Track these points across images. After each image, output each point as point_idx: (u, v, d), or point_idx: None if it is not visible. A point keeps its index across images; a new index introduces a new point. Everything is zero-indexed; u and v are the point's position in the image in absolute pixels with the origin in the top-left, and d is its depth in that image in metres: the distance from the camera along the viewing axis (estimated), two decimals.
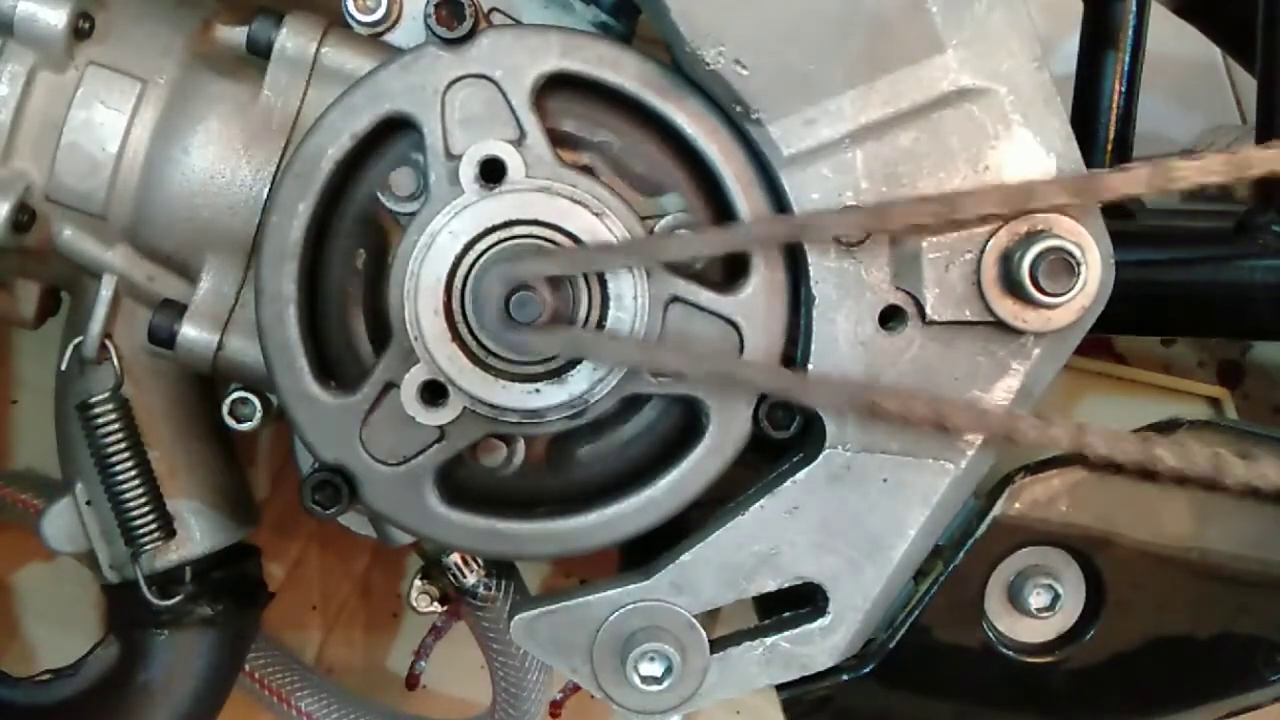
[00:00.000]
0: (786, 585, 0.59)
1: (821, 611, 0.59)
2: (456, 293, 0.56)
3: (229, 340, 0.64)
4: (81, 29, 0.63)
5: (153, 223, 0.64)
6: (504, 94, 0.56)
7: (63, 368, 0.68)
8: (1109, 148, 0.77)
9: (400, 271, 0.56)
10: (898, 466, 0.58)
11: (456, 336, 0.56)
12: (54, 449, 0.72)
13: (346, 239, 0.60)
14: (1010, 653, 0.63)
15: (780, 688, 0.62)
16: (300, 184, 0.57)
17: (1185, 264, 0.75)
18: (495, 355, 0.57)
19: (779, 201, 0.57)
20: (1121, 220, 0.70)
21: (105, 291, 0.65)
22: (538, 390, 0.57)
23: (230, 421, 0.67)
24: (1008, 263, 0.55)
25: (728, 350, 0.58)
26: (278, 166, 0.62)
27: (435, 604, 0.76)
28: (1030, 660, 0.63)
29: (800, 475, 0.58)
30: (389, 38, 0.63)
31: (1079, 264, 0.54)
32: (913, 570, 0.60)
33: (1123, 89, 0.77)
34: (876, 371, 0.57)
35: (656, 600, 0.58)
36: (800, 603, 0.60)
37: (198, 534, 0.70)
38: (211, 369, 0.65)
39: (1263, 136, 0.74)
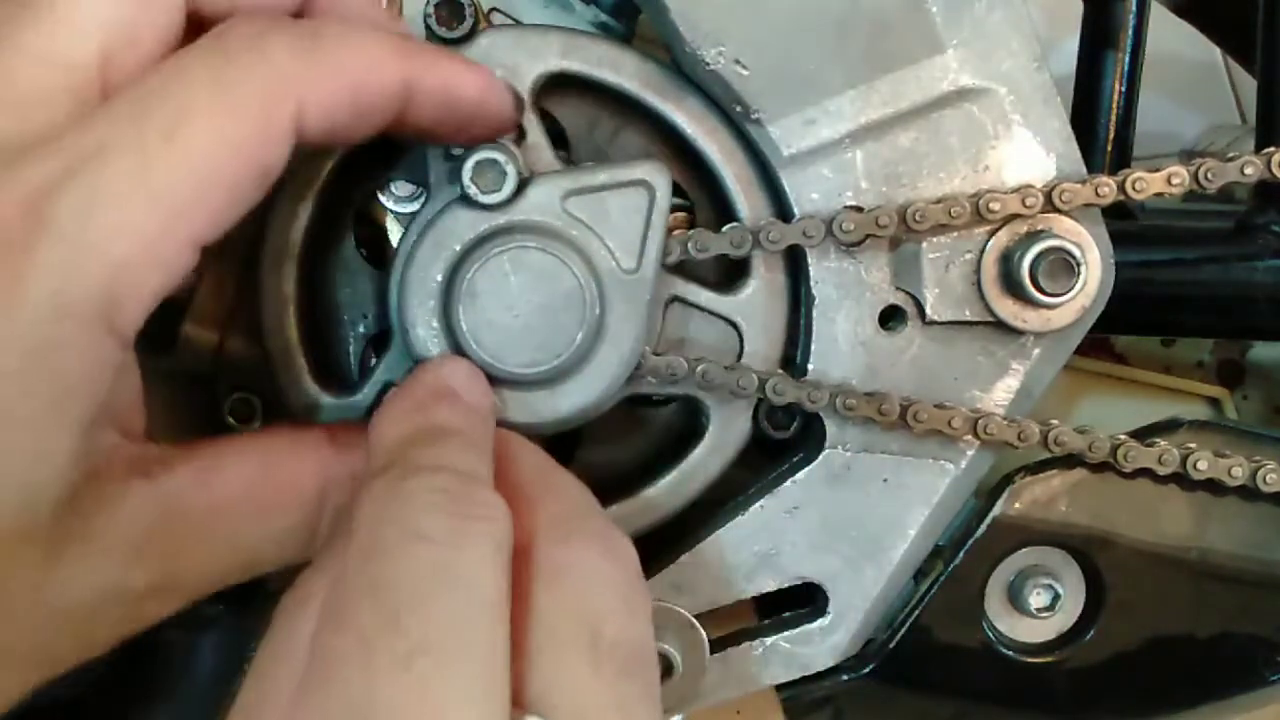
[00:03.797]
0: (787, 585, 0.59)
1: (822, 611, 0.59)
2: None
3: (229, 340, 0.64)
4: None
5: None
6: None
7: None
8: (1109, 148, 0.77)
9: (399, 271, 0.56)
10: (898, 466, 0.58)
11: None
12: None
13: (347, 240, 0.60)
14: (1010, 652, 0.63)
15: (780, 687, 0.62)
16: (300, 184, 0.57)
17: (1185, 264, 0.75)
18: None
19: (779, 201, 0.57)
20: (1121, 221, 0.70)
21: None
22: None
23: (230, 421, 0.67)
24: (1007, 263, 0.55)
25: (727, 351, 0.58)
26: None
27: None
28: (1030, 660, 0.63)
29: (800, 475, 0.58)
30: None
31: (1079, 264, 0.55)
32: (913, 570, 0.60)
33: (1123, 89, 0.77)
34: (877, 371, 0.57)
35: (656, 600, 0.58)
36: (800, 602, 0.60)
37: None
38: (211, 369, 0.65)
39: (1262, 136, 0.74)
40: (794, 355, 0.58)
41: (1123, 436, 0.59)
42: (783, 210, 0.57)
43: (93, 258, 0.38)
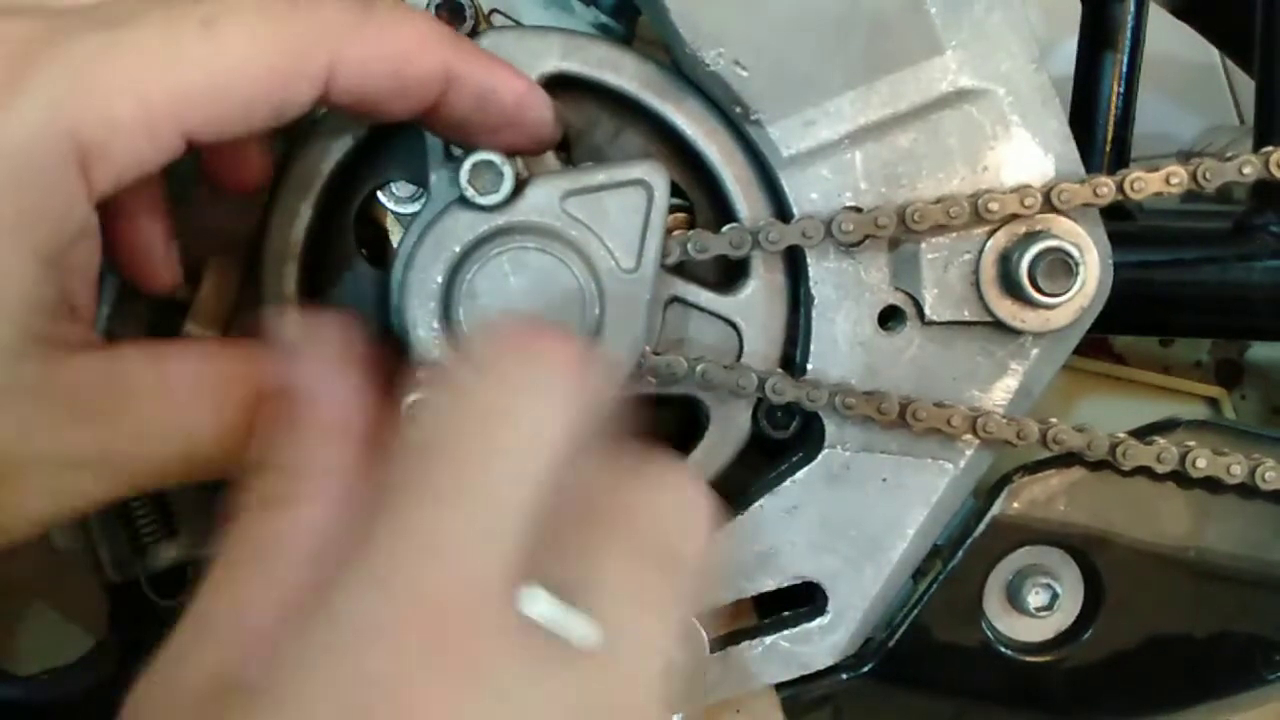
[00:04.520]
0: (786, 584, 0.59)
1: (821, 611, 0.59)
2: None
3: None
4: None
5: None
6: None
7: None
8: (1107, 149, 0.77)
9: (399, 272, 0.57)
10: (897, 466, 0.58)
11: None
12: None
13: (347, 240, 0.60)
14: (1009, 652, 0.63)
15: (779, 686, 0.62)
16: (301, 184, 0.57)
17: (1183, 265, 0.75)
18: None
19: (778, 202, 0.57)
20: (1120, 221, 0.70)
21: (108, 291, 0.65)
22: None
23: None
24: (1006, 263, 0.55)
25: (727, 351, 0.58)
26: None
27: None
28: (1029, 659, 0.63)
29: (799, 475, 0.58)
30: None
31: (1077, 264, 0.55)
32: (912, 569, 0.60)
33: (1121, 90, 0.77)
34: (876, 371, 0.57)
35: None
36: (800, 602, 0.60)
37: (200, 531, 0.70)
38: None
39: (1260, 137, 0.75)
40: (793, 355, 0.58)
41: (1121, 435, 0.59)
42: (782, 211, 0.57)
43: (91, 99, 0.39)
